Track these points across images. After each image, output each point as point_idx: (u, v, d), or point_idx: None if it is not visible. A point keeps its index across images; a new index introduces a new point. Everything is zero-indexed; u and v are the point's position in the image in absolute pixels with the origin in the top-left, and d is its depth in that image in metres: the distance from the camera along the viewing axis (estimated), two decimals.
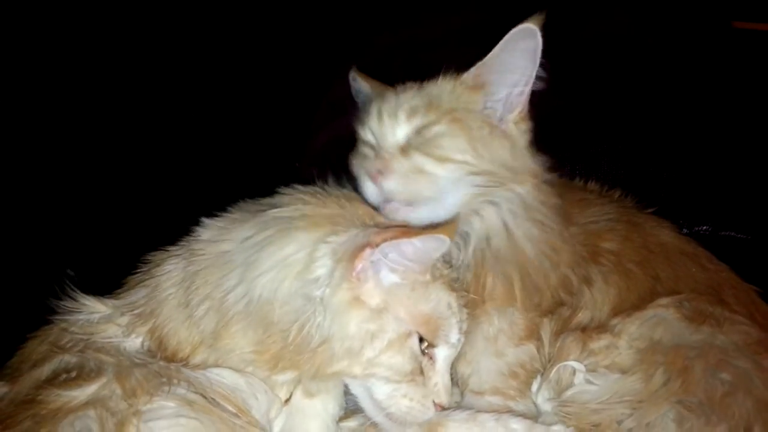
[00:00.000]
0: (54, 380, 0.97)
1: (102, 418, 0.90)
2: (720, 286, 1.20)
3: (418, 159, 1.08)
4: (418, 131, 1.10)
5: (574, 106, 1.67)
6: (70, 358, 1.01)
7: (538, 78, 1.10)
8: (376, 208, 1.11)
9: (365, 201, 1.12)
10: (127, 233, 1.45)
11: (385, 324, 0.98)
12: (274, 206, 1.09)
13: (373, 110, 1.15)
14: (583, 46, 1.78)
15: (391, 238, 0.94)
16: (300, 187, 1.13)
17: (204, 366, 1.03)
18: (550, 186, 1.17)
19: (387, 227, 1.03)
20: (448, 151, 1.08)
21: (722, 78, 1.81)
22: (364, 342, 0.97)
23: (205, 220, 1.13)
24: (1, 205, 1.29)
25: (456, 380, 1.20)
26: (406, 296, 1.00)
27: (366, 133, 1.17)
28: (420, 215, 1.09)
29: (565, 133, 1.63)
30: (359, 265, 0.96)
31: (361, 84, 1.29)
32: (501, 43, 1.08)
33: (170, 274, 1.10)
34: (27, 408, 0.93)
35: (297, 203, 1.08)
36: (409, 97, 1.14)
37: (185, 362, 1.04)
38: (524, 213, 1.13)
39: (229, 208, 1.15)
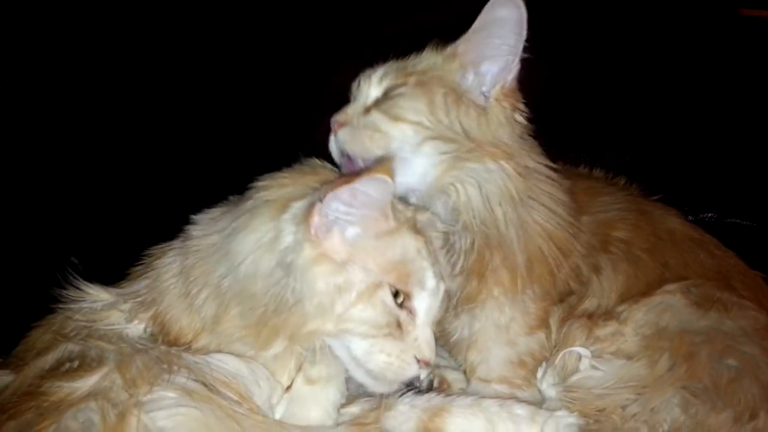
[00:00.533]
0: (57, 370, 0.98)
1: (104, 410, 0.90)
2: (728, 272, 1.20)
3: (375, 115, 1.09)
4: (386, 93, 1.11)
5: (578, 93, 1.67)
6: (73, 347, 1.02)
7: (532, 55, 1.08)
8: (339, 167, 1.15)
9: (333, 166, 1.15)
10: (131, 223, 1.45)
11: (352, 276, 0.98)
12: (251, 194, 1.11)
13: (356, 80, 1.18)
14: (589, 32, 1.77)
15: (333, 188, 0.94)
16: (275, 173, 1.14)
17: (206, 351, 1.03)
18: (548, 176, 1.16)
19: (333, 180, 1.04)
20: (404, 111, 1.08)
21: (728, 65, 1.80)
22: (334, 296, 0.98)
23: (195, 217, 1.16)
24: (6, 195, 1.29)
25: (463, 367, 1.21)
26: (371, 246, 1.00)
27: (351, 100, 1.19)
28: None
29: (570, 120, 1.62)
30: (314, 221, 0.97)
31: None
32: (482, 16, 1.07)
33: (170, 266, 1.12)
34: (30, 399, 0.93)
35: (265, 185, 1.10)
36: (389, 64, 1.16)
37: (187, 347, 1.04)
38: (501, 193, 1.10)
39: (219, 204, 1.18)
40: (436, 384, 1.23)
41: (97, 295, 1.12)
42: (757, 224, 1.62)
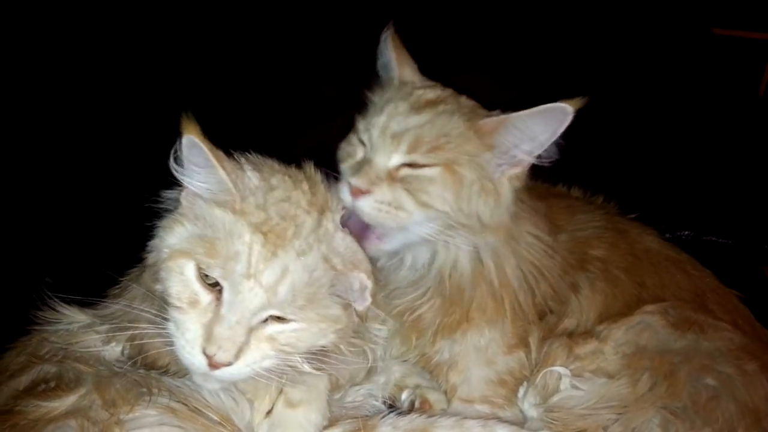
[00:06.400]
0: (33, 390, 0.96)
1: (84, 428, 0.88)
2: (704, 293, 1.21)
3: (401, 196, 1.06)
4: (413, 165, 1.08)
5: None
6: (49, 368, 1.00)
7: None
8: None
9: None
10: (108, 242, 1.44)
11: (169, 237, 0.97)
12: None
13: (381, 117, 1.11)
14: (563, 52, 1.79)
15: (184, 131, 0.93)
16: None
17: (184, 374, 1.01)
18: (531, 216, 1.18)
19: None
20: (433, 199, 1.06)
21: (702, 84, 1.82)
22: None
23: None
24: None
25: (444, 388, 1.21)
26: (200, 212, 0.97)
27: (363, 131, 1.13)
28: (387, 247, 1.11)
29: None
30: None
31: (389, 49, 1.21)
32: (533, 111, 1.05)
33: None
34: (5, 419, 0.91)
35: None
36: (420, 122, 1.09)
37: (165, 369, 1.03)
38: (492, 254, 1.13)
39: None
40: (417, 404, 1.22)
41: (73, 316, 1.10)
42: (733, 242, 1.64)
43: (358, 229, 1.08)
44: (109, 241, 1.44)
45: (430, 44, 1.60)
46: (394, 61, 1.20)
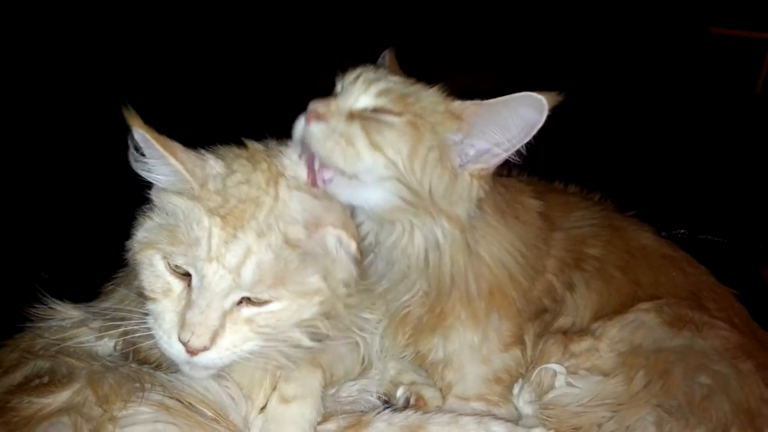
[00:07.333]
0: (26, 385, 0.96)
1: (77, 425, 0.88)
2: (700, 290, 1.21)
3: (355, 129, 1.00)
4: (376, 110, 1.03)
5: (553, 109, 1.68)
6: (42, 364, 1.00)
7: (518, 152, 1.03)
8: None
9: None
10: (103, 237, 1.43)
11: (139, 232, 0.99)
12: None
13: (356, 71, 1.08)
14: (559, 50, 1.79)
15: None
16: None
17: (177, 369, 1.01)
18: (501, 219, 1.14)
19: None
20: (385, 143, 1.00)
21: (699, 82, 1.83)
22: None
23: None
24: None
25: (439, 385, 1.20)
26: (163, 201, 0.98)
27: (338, 85, 1.10)
28: (337, 189, 1.04)
29: (544, 136, 1.63)
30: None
31: (386, 65, 1.21)
32: (506, 99, 1.00)
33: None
34: None
35: None
36: (394, 80, 1.07)
37: (158, 364, 1.02)
38: (449, 247, 1.08)
39: None
40: (412, 401, 1.22)
41: (66, 312, 1.10)
42: (729, 241, 1.64)
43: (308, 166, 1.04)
44: (105, 238, 1.43)
45: (420, 44, 1.61)
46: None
